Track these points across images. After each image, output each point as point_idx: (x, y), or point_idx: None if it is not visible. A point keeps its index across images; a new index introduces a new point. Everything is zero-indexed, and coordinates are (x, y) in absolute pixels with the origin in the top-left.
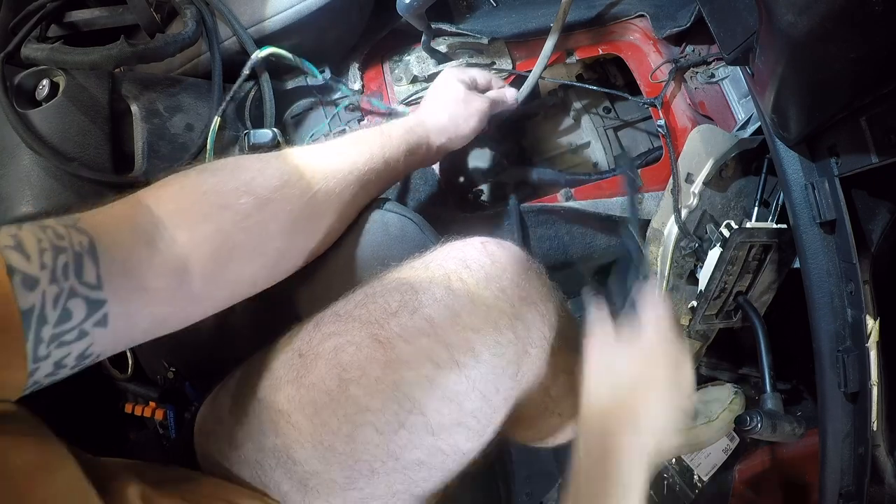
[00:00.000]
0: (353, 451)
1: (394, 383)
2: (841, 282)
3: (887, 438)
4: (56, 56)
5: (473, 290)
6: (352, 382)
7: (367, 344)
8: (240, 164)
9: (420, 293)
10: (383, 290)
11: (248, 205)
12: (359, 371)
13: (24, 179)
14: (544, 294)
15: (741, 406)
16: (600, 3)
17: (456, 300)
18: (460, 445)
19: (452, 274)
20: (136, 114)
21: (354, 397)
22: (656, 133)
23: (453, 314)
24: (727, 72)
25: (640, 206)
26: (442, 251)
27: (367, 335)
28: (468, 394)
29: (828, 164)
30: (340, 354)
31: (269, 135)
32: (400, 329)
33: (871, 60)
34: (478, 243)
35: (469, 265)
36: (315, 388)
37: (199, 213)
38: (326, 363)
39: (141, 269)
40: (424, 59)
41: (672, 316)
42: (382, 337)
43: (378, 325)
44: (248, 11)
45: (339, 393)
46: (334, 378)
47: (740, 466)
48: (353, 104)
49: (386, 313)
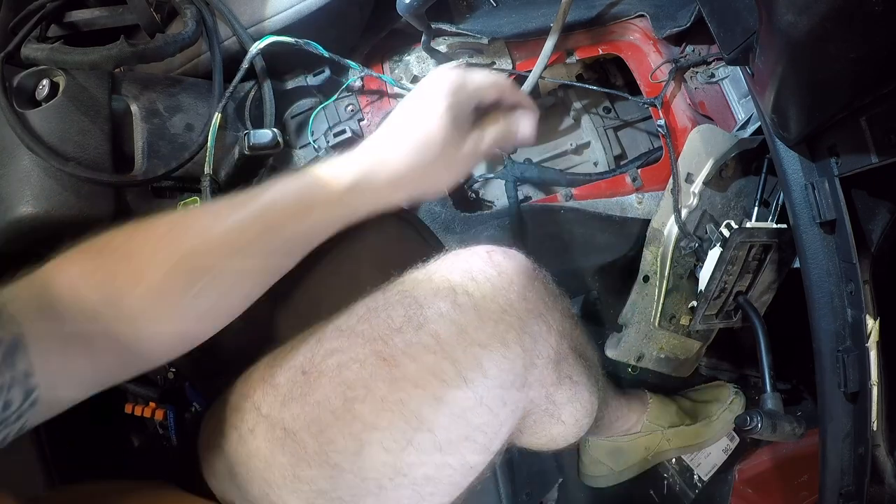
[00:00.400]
0: (361, 469)
1: (400, 401)
2: (841, 282)
3: (887, 438)
4: (56, 56)
5: (480, 304)
6: (357, 401)
7: (371, 361)
8: (152, 232)
9: (424, 307)
10: (386, 303)
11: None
12: (364, 389)
13: (23, 179)
14: (551, 303)
15: (741, 406)
16: (600, 3)
17: (462, 315)
18: (468, 459)
19: (458, 287)
20: (136, 114)
21: (361, 416)
22: (656, 133)
23: (460, 330)
24: (727, 72)
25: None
26: (446, 261)
27: (370, 352)
28: (476, 409)
29: (828, 164)
30: (344, 372)
31: (269, 135)
32: (405, 345)
33: (871, 60)
34: (483, 253)
35: (475, 277)
36: (320, 406)
37: (95, 284)
38: (330, 381)
39: (70, 346)
40: (424, 59)
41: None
42: (387, 354)
43: (382, 342)
44: (248, 11)
45: (345, 412)
46: (339, 396)
47: (740, 466)
48: (354, 105)
49: (390, 329)
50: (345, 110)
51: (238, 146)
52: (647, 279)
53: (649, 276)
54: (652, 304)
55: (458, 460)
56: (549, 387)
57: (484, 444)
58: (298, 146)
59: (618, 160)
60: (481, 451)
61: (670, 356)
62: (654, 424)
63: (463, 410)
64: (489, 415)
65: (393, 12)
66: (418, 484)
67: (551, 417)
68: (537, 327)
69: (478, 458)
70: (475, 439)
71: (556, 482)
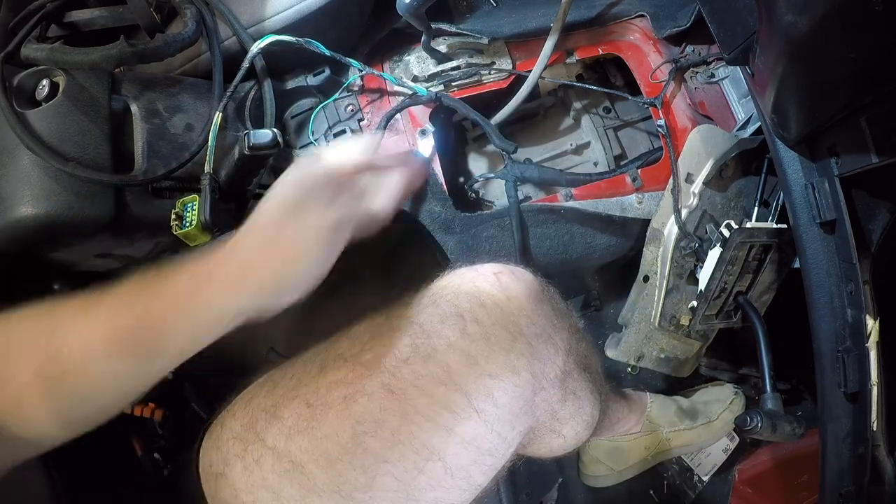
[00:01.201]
0: (373, 498)
1: (411, 434)
2: (841, 282)
3: (887, 438)
4: (56, 56)
5: (490, 332)
6: (367, 435)
7: (379, 394)
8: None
9: (432, 337)
10: (390, 329)
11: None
12: (373, 424)
13: (23, 179)
14: (559, 324)
15: (741, 406)
16: (600, 3)
17: (472, 345)
18: (476, 479)
19: (466, 314)
20: (135, 114)
21: (372, 450)
22: (656, 133)
23: (470, 360)
24: (727, 72)
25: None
26: (452, 284)
27: (378, 385)
28: (486, 436)
29: (828, 164)
30: (352, 406)
31: (270, 135)
32: (413, 377)
33: (872, 60)
34: (491, 275)
35: (484, 302)
36: (329, 440)
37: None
38: (337, 415)
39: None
40: (424, 59)
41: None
42: (395, 387)
43: (389, 374)
44: (247, 11)
45: (355, 446)
46: (348, 430)
47: (740, 466)
48: (354, 105)
49: (397, 360)
50: (345, 110)
51: (238, 146)
52: (647, 279)
53: (649, 276)
54: (652, 304)
55: (468, 482)
56: (554, 404)
57: (492, 465)
58: (298, 146)
59: (618, 160)
60: (489, 472)
61: (670, 356)
62: (654, 424)
63: (473, 438)
64: (498, 440)
65: (393, 12)
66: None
67: (552, 432)
68: (546, 351)
69: (485, 478)
70: (484, 462)
71: (555, 482)
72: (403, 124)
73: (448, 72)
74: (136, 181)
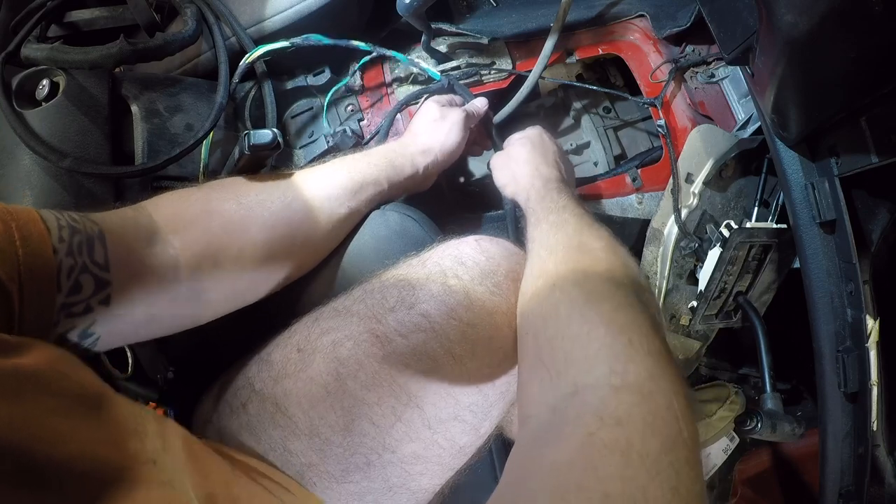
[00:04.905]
0: (350, 443)
1: (391, 377)
2: (841, 282)
3: (887, 438)
4: (56, 56)
5: (469, 286)
6: (349, 377)
7: (364, 339)
8: (225, 181)
9: (417, 289)
10: (381, 286)
11: (230, 210)
12: (356, 366)
13: (24, 179)
14: None
15: (741, 406)
16: (600, 3)
17: (452, 296)
18: (457, 439)
19: (448, 271)
20: (136, 114)
21: (351, 391)
22: (656, 133)
23: (449, 310)
24: (727, 72)
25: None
26: (438, 249)
27: (364, 330)
28: (464, 387)
29: (828, 164)
30: (338, 349)
31: (270, 135)
32: (397, 324)
33: (871, 60)
34: (472, 241)
35: (464, 262)
36: (313, 382)
37: (188, 218)
38: (324, 358)
39: (140, 261)
40: (425, 58)
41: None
42: (380, 332)
43: (376, 321)
44: (247, 11)
45: (337, 387)
46: (332, 372)
47: (740, 466)
48: (354, 105)
49: (383, 309)
50: (345, 110)
51: (238, 146)
52: (647, 279)
53: (649, 276)
54: None
55: (447, 439)
56: None
57: (473, 424)
58: (298, 146)
59: (618, 160)
60: (470, 432)
61: None
62: None
63: (452, 388)
64: (478, 394)
65: (393, 12)
66: (406, 461)
67: None
68: None
69: (467, 439)
70: (464, 419)
71: None
72: (404, 124)
73: (448, 72)
74: (136, 171)
